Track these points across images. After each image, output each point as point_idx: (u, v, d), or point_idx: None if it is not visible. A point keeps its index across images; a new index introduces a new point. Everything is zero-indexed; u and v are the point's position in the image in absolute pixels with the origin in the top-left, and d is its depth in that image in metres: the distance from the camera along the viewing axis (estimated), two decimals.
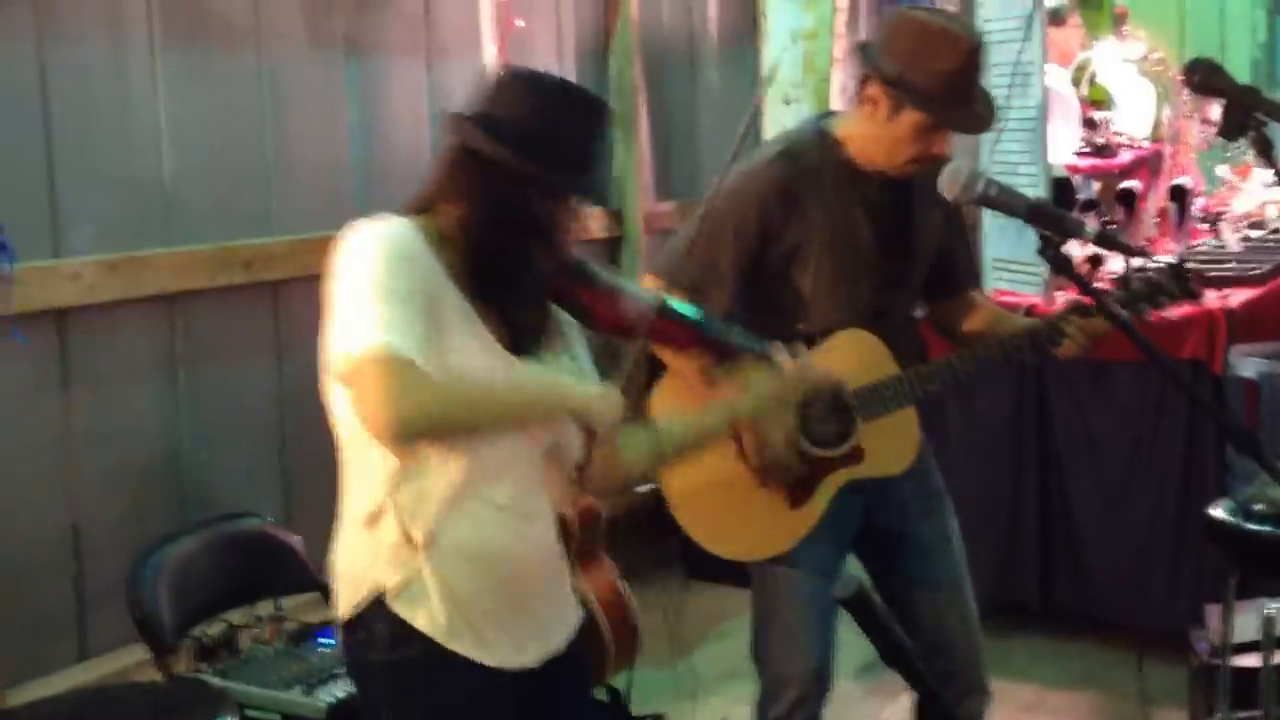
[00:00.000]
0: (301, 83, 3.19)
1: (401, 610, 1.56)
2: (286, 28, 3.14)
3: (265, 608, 2.58)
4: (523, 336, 1.61)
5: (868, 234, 2.17)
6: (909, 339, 2.27)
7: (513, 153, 1.56)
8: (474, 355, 1.56)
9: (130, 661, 2.67)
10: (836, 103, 4.47)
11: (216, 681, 2.35)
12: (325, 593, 2.64)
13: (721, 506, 2.22)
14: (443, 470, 1.55)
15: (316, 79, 3.22)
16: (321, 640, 2.51)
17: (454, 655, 1.57)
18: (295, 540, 2.65)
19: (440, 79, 3.55)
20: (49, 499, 2.70)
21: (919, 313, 2.37)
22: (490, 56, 3.39)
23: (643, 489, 1.93)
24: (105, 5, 2.78)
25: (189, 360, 2.94)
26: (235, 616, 2.53)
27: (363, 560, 1.58)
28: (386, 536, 1.56)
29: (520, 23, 3.56)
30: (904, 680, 1.23)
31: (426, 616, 1.56)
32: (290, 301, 3.13)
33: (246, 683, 2.36)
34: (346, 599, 1.61)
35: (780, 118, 4.47)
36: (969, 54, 2.05)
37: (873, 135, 2.11)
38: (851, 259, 2.16)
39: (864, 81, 2.12)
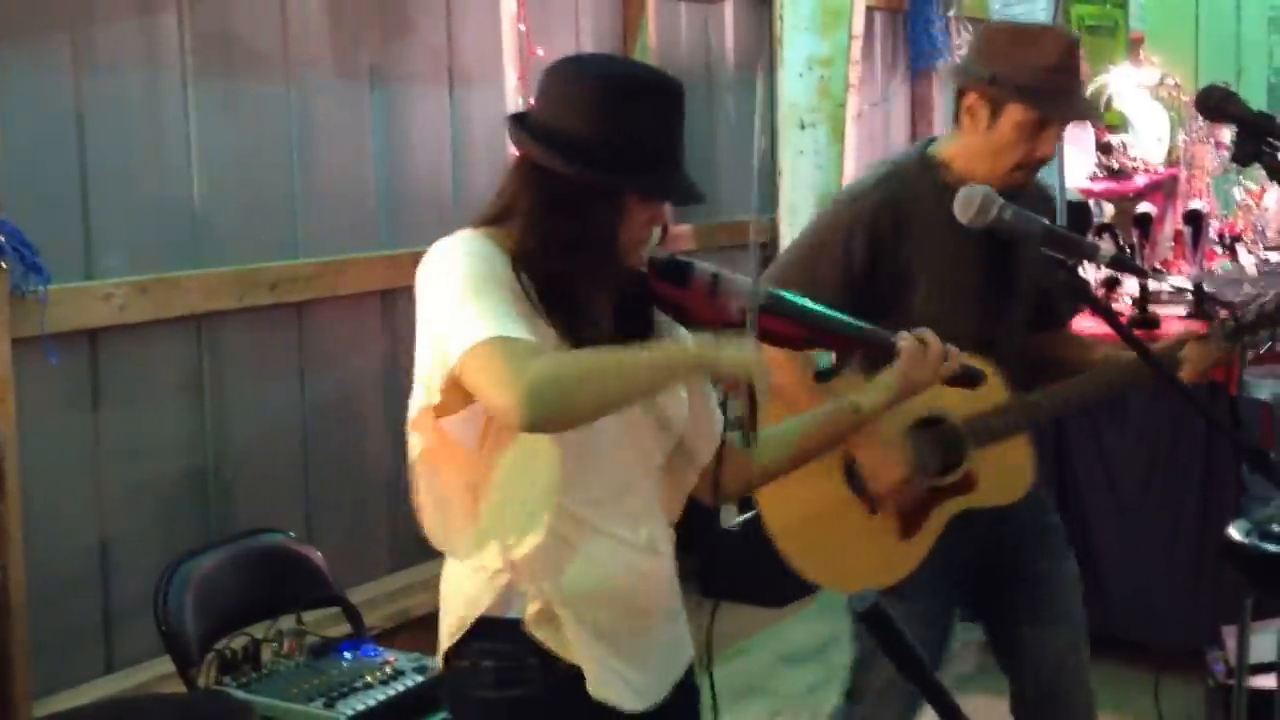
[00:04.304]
0: (328, 110, 3.26)
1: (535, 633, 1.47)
2: (314, 58, 3.21)
3: (287, 622, 2.62)
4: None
5: (969, 263, 2.10)
6: (1018, 371, 2.15)
7: (564, 158, 1.42)
8: None
9: (155, 674, 2.72)
10: (850, 129, 4.51)
11: (239, 694, 2.39)
12: (346, 608, 2.70)
13: (827, 536, 2.13)
14: (544, 497, 1.45)
15: (342, 107, 3.30)
16: (343, 654, 2.55)
17: (565, 692, 1.46)
18: (317, 556, 2.70)
19: (462, 106, 3.61)
20: (78, 515, 2.76)
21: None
22: (511, 84, 3.45)
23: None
24: (140, 36, 2.86)
25: (215, 379, 3.00)
26: (258, 630, 2.56)
27: (468, 588, 1.50)
28: (490, 564, 1.47)
29: (540, 51, 3.62)
30: (924, 699, 1.21)
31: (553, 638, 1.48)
32: (315, 322, 3.20)
33: (268, 696, 2.40)
34: (448, 627, 1.52)
35: (796, 142, 4.52)
36: (1066, 48, 2.03)
37: (975, 148, 2.06)
38: (954, 288, 2.09)
39: (959, 96, 2.08)
